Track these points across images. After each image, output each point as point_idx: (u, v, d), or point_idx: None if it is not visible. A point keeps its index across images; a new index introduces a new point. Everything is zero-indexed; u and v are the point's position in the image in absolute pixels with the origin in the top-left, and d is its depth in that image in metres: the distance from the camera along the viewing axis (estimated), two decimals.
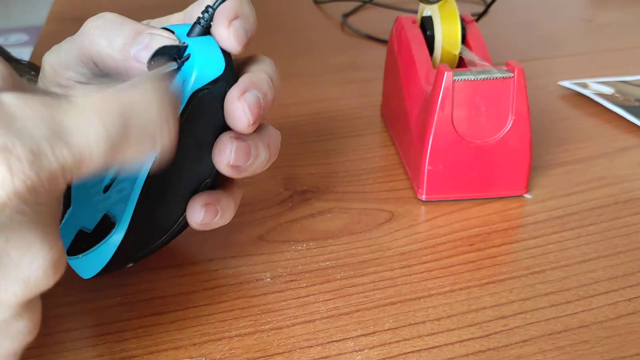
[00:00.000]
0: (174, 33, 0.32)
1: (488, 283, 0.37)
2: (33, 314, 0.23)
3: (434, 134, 0.42)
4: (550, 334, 0.33)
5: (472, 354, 0.32)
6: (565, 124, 0.54)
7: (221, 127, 0.32)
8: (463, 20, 0.48)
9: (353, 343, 0.33)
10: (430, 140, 0.42)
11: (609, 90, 0.58)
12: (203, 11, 0.32)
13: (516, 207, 0.43)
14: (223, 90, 0.32)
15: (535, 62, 0.66)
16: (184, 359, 0.32)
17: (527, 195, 0.44)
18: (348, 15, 0.80)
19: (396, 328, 0.34)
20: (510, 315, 0.35)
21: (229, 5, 0.32)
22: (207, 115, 0.32)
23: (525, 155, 0.43)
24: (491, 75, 0.41)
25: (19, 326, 0.23)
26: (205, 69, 0.31)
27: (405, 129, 0.47)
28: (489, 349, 0.32)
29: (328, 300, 0.36)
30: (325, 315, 0.35)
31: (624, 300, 0.36)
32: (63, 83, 0.34)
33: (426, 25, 0.48)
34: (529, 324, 0.34)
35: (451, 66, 0.46)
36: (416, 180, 0.44)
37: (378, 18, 0.79)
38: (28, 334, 0.23)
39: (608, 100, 0.56)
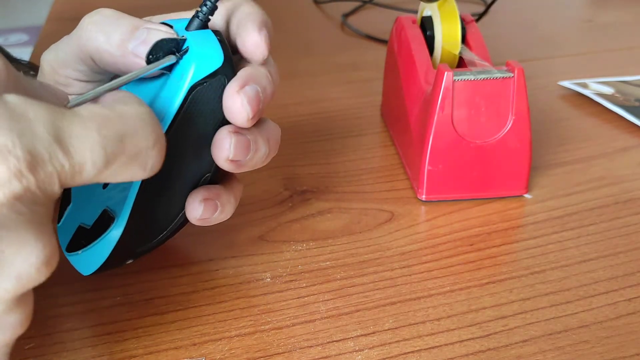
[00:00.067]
0: (172, 27, 0.32)
1: (488, 283, 0.37)
2: (25, 308, 0.23)
3: (434, 134, 0.42)
4: (550, 334, 0.33)
5: (472, 354, 0.32)
6: (565, 124, 0.54)
7: (221, 122, 0.32)
8: (463, 20, 0.48)
9: (353, 343, 0.33)
10: (430, 140, 0.42)
11: (609, 90, 0.58)
12: (201, 4, 0.32)
13: (516, 207, 0.43)
14: (222, 83, 0.32)
15: (535, 62, 0.66)
16: (184, 359, 0.32)
17: (527, 195, 0.44)
18: (348, 15, 0.80)
19: (396, 328, 0.34)
20: (510, 315, 0.35)
21: (255, 14, 0.33)
22: (206, 109, 0.32)
23: (525, 155, 0.43)
24: (491, 75, 0.41)
25: (11, 319, 0.23)
26: (203, 62, 0.31)
27: (405, 129, 0.47)
28: (489, 349, 0.32)
29: (328, 300, 0.36)
30: (325, 315, 0.35)
31: (624, 300, 0.36)
32: (62, 81, 0.34)
33: (426, 25, 0.48)
34: (529, 324, 0.34)
35: (451, 66, 0.46)
36: (416, 180, 0.44)
37: (378, 18, 0.79)
38: (20, 326, 0.24)
39: (608, 100, 0.56)
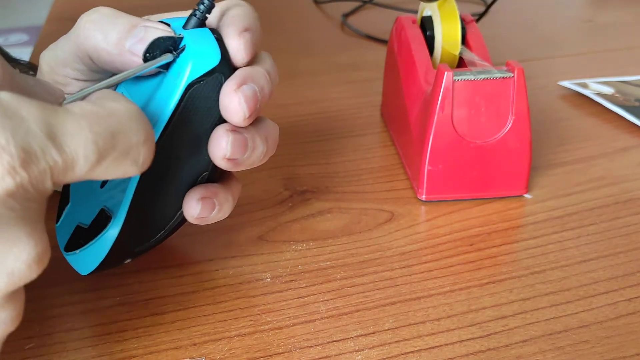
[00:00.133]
0: (169, 26, 0.32)
1: (488, 283, 0.37)
2: (16, 304, 0.23)
3: (434, 134, 0.42)
4: (550, 334, 0.33)
5: (472, 354, 0.32)
6: (565, 124, 0.54)
7: (218, 120, 0.32)
8: (463, 20, 0.48)
9: (353, 343, 0.33)
10: (430, 140, 0.42)
11: (609, 90, 0.58)
12: (199, 3, 0.32)
13: (516, 207, 0.43)
14: (219, 82, 0.32)
15: (535, 62, 0.66)
16: (184, 359, 0.32)
17: (527, 195, 0.44)
18: (348, 15, 0.80)
19: (396, 328, 0.34)
20: (510, 315, 0.35)
21: (240, 18, 0.32)
22: (204, 107, 0.32)
23: (525, 155, 0.43)
24: (491, 75, 0.41)
25: (2, 316, 0.23)
26: (200, 60, 0.31)
27: (405, 129, 0.47)
28: (489, 349, 0.32)
29: (328, 300, 0.36)
30: (325, 315, 0.35)
31: (624, 300, 0.36)
32: (60, 80, 0.34)
33: (426, 25, 0.48)
34: (529, 324, 0.34)
35: (451, 66, 0.46)
36: (416, 180, 0.44)
37: (378, 18, 0.79)
38: (11, 323, 0.24)
39: (608, 100, 0.56)
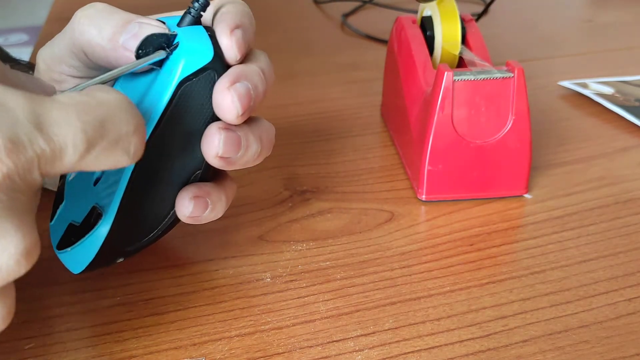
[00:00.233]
0: (164, 23, 0.32)
1: (488, 283, 0.37)
2: (6, 301, 0.23)
3: (434, 134, 0.42)
4: (550, 334, 0.33)
5: (472, 354, 0.32)
6: (565, 124, 0.54)
7: (211, 118, 0.32)
8: (463, 20, 0.48)
9: (353, 343, 0.33)
10: (430, 140, 0.42)
11: (609, 90, 0.58)
12: (193, 1, 0.32)
13: (516, 207, 0.43)
14: (212, 79, 0.31)
15: (535, 62, 0.66)
16: (184, 359, 0.32)
17: (527, 195, 0.44)
18: (348, 15, 0.80)
19: (396, 328, 0.34)
20: (510, 315, 0.35)
21: (231, 15, 0.32)
22: (196, 105, 0.31)
23: (525, 155, 0.43)
24: (491, 75, 0.41)
25: None
26: (193, 57, 0.31)
27: (405, 129, 0.47)
28: (489, 349, 0.32)
29: (328, 300, 0.36)
30: (325, 315, 0.35)
31: (624, 300, 0.36)
32: (56, 78, 0.34)
33: (426, 25, 0.48)
34: (529, 324, 0.34)
35: (451, 66, 0.46)
36: (416, 180, 0.44)
37: (378, 18, 0.79)
38: (2, 320, 0.23)
39: (608, 100, 0.56)
